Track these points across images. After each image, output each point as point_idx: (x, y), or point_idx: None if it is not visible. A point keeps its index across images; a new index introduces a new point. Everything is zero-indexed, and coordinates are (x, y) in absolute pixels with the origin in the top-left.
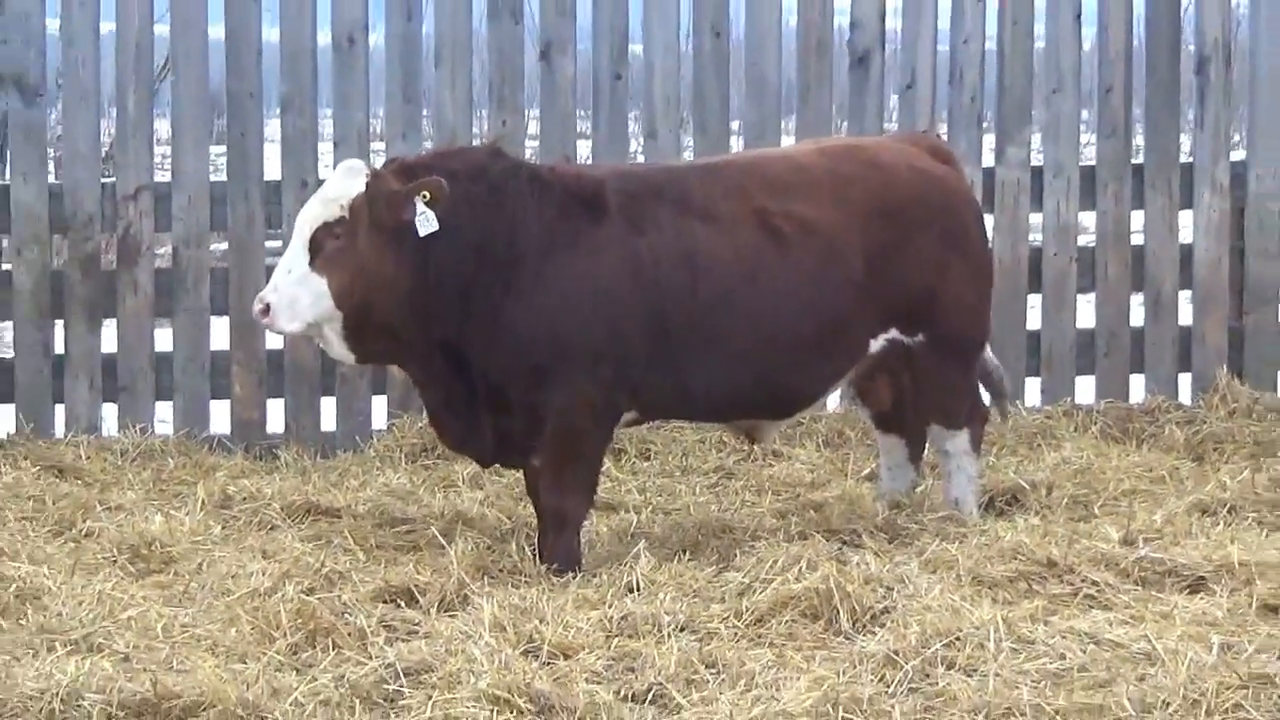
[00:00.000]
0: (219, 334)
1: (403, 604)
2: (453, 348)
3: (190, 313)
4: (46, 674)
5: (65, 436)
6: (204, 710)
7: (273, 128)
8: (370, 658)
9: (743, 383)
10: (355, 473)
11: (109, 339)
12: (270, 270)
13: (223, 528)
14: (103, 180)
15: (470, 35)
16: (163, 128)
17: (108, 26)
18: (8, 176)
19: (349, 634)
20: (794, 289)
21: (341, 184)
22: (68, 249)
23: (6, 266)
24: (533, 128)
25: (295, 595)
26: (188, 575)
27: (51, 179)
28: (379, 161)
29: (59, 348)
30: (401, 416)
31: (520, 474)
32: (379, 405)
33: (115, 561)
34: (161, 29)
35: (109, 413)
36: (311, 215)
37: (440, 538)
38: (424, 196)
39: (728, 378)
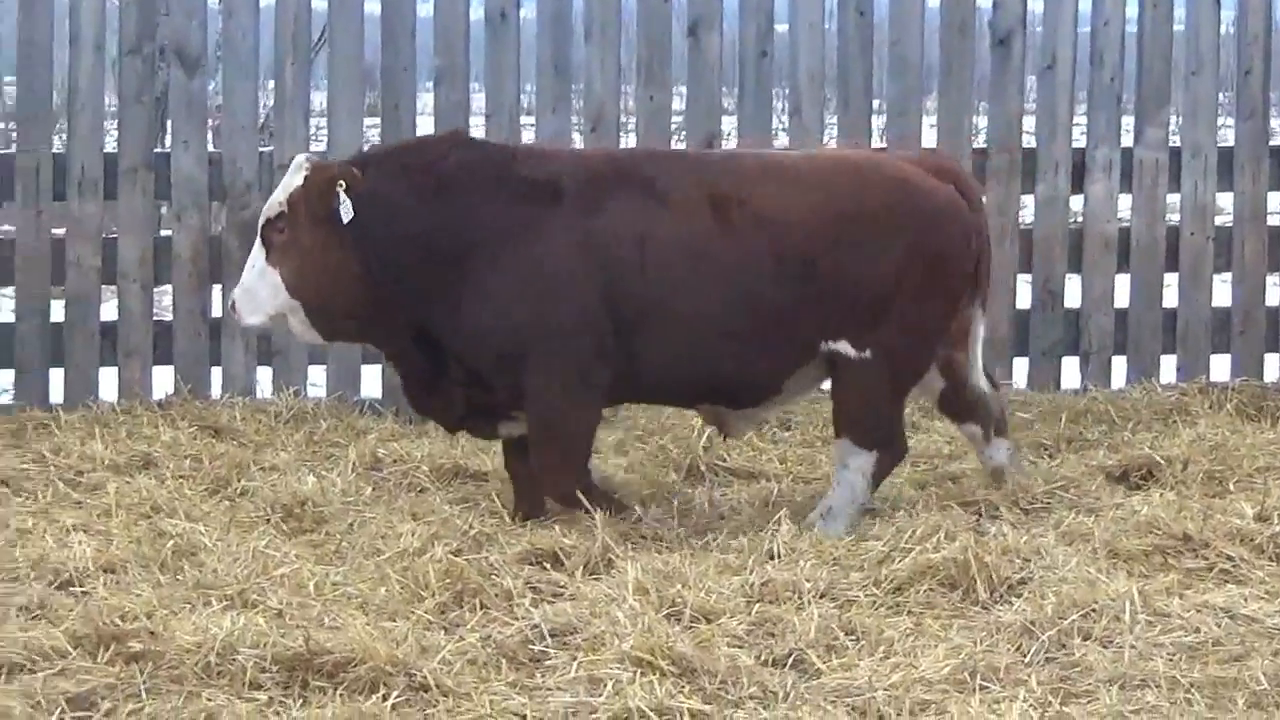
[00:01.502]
0: None
1: (548, 566)
2: (422, 330)
3: None
4: (203, 628)
5: (221, 398)
6: (354, 666)
7: (425, 101)
8: (516, 618)
9: (687, 367)
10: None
11: None
12: None
13: (373, 489)
14: (260, 150)
15: (620, 11)
16: (318, 99)
17: (266, 0)
18: (168, 144)
19: (496, 595)
20: (738, 278)
21: (287, 180)
22: (225, 216)
23: (167, 232)
24: (678, 104)
25: (444, 556)
26: (339, 535)
27: (210, 148)
28: (528, 135)
29: (216, 312)
30: None
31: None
32: None
33: (269, 520)
34: (319, 3)
35: (264, 375)
36: (261, 214)
37: (585, 501)
38: (341, 185)
39: (673, 361)
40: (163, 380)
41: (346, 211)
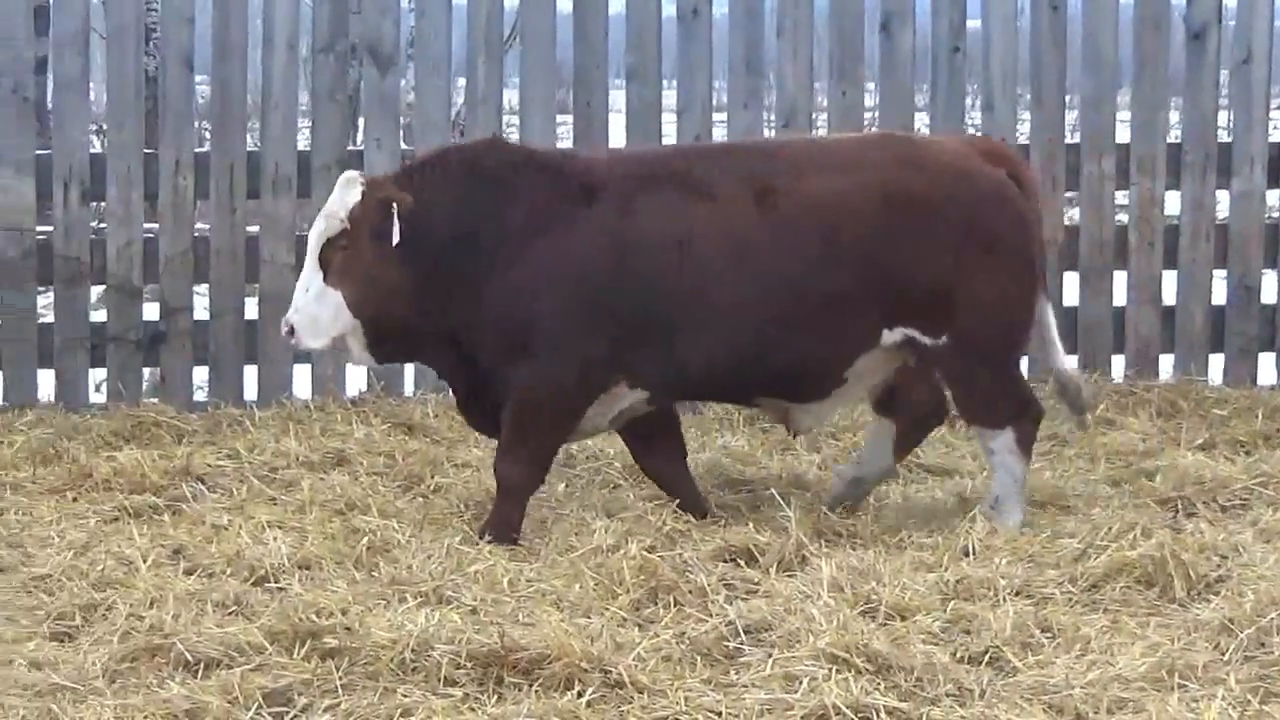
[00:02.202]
0: None
1: (742, 563)
2: (454, 337)
3: None
4: (398, 624)
5: (414, 395)
6: (549, 663)
7: (617, 97)
8: (711, 615)
9: (738, 360)
10: (694, 434)
11: None
12: None
13: (566, 485)
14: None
15: (812, 6)
16: (509, 97)
17: None
18: (361, 142)
19: (690, 591)
20: (785, 267)
21: (340, 197)
22: None
23: None
24: (870, 100)
25: (638, 553)
26: (532, 531)
27: (402, 145)
28: (719, 132)
29: None
30: None
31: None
32: None
33: (462, 516)
34: (511, 1)
35: None
36: (317, 233)
37: (779, 499)
38: (395, 207)
39: (723, 354)
40: (356, 377)
41: (396, 234)
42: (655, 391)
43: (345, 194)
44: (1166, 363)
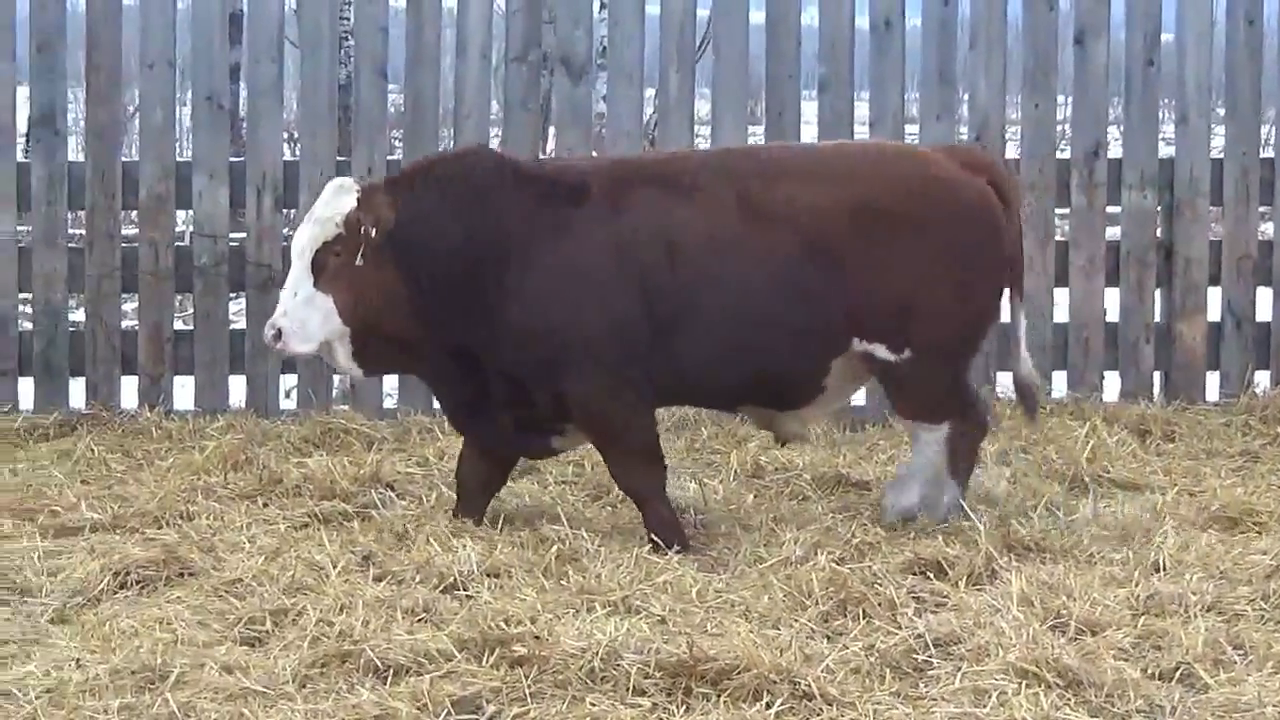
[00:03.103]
0: None
1: (931, 576)
2: (463, 349)
3: None
4: (587, 633)
5: None
6: (738, 673)
7: (809, 109)
8: (900, 628)
9: (724, 364)
10: (884, 446)
11: None
12: None
13: (754, 496)
14: None
15: (1005, 19)
16: (701, 107)
17: (652, 8)
18: (552, 151)
19: (879, 604)
20: (763, 272)
21: (334, 202)
22: None
23: None
24: (1063, 113)
25: (827, 564)
26: (720, 542)
27: (594, 154)
28: (907, 139)
29: None
30: None
31: None
32: None
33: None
34: (703, 10)
35: None
36: (310, 237)
37: (968, 512)
38: (375, 225)
39: (710, 358)
40: None
41: (360, 259)
42: (655, 396)
43: (339, 199)
44: None
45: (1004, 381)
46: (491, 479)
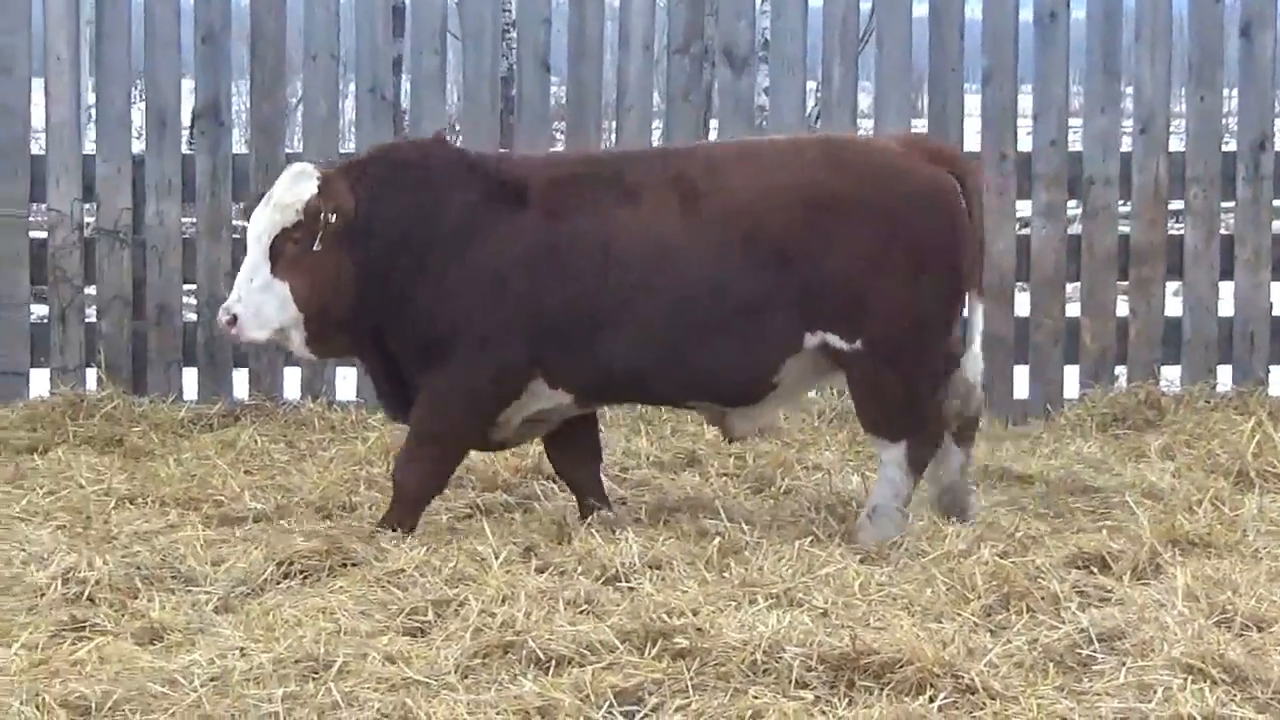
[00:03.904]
0: None
1: (1095, 570)
2: (378, 331)
3: None
4: (749, 625)
5: None
6: (901, 667)
7: (972, 102)
8: (1063, 622)
9: (661, 363)
10: (1047, 440)
11: None
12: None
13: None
14: None
15: (1171, 11)
16: (863, 99)
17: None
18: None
19: (1042, 598)
20: (707, 269)
21: (293, 189)
22: None
23: None
24: (1229, 105)
25: (990, 558)
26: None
27: None
28: (1075, 139)
29: None
30: (1093, 386)
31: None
32: (1071, 374)
33: (812, 519)
34: (866, 3)
35: None
36: (269, 223)
37: (1133, 506)
38: (331, 217)
39: (645, 358)
40: None
41: (318, 243)
42: (579, 394)
43: (299, 185)
44: None
45: (1169, 375)
46: (583, 454)
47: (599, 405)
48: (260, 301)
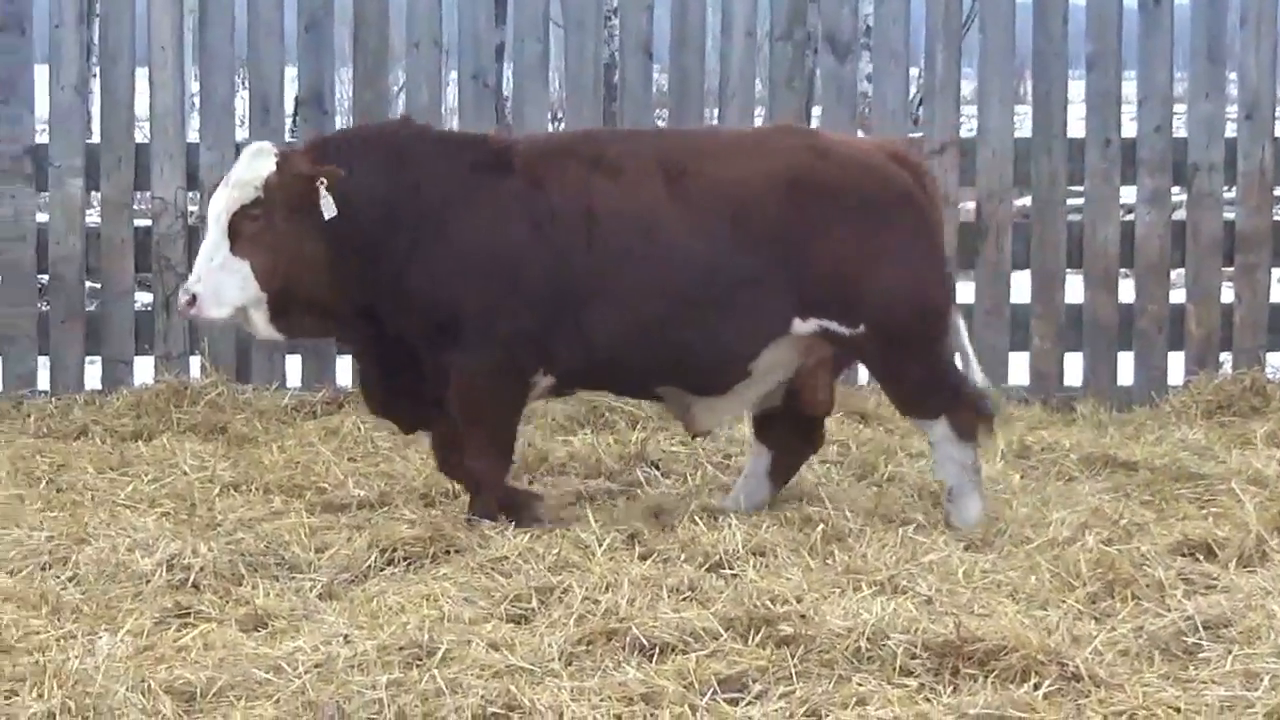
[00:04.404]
0: (1019, 287)
1: (1200, 558)
2: (371, 312)
3: (991, 266)
4: (853, 612)
5: (868, 384)
6: (1005, 654)
7: (1076, 87)
8: (1169, 609)
9: (643, 344)
10: (1151, 427)
11: None
12: (1072, 225)
13: (1021, 476)
14: (910, 135)
15: None
16: (967, 86)
17: None
18: None
19: (1147, 585)
20: (694, 248)
21: (252, 166)
22: None
23: None
24: None
25: (1094, 545)
26: (987, 522)
27: (860, 134)
28: (1179, 125)
29: None
30: (1198, 373)
31: None
32: (1175, 361)
33: (916, 506)
34: None
35: None
36: (227, 201)
37: (1239, 493)
38: (323, 182)
39: (627, 337)
40: None
41: (329, 209)
42: (561, 378)
43: (256, 163)
44: None
45: (1274, 361)
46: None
47: (573, 391)
48: (220, 280)
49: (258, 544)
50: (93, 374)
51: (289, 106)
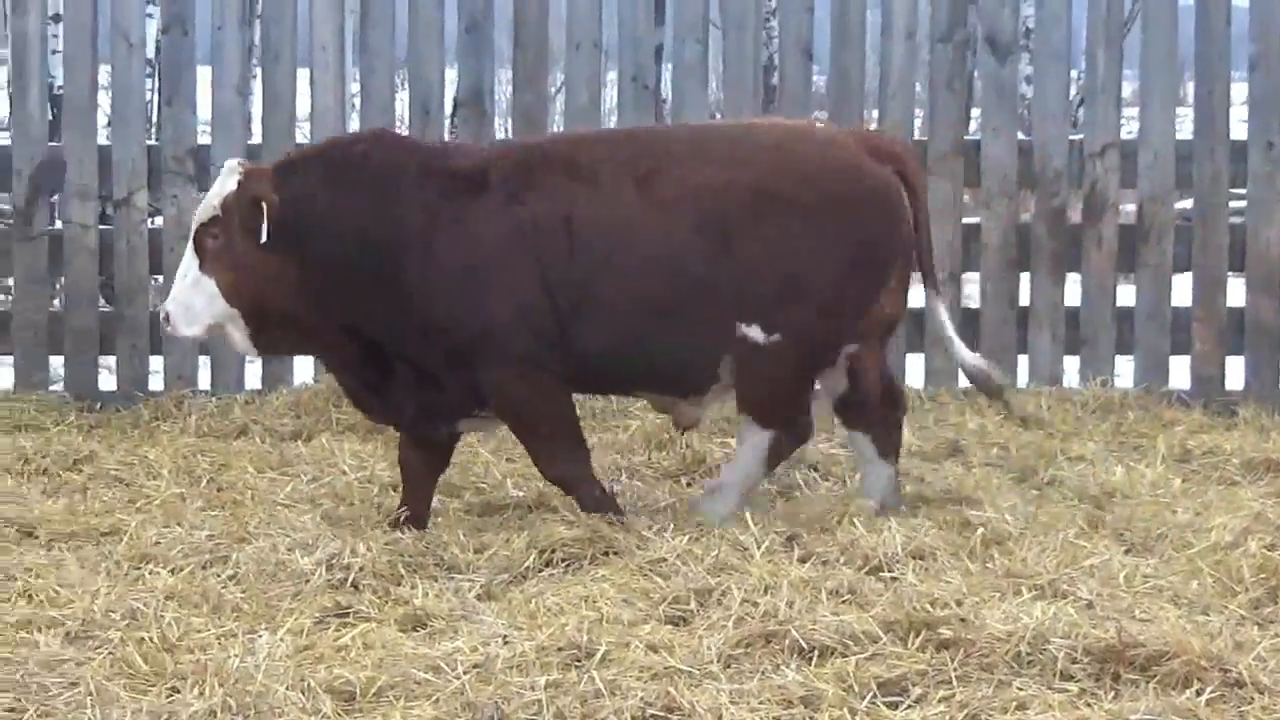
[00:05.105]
0: (1181, 290)
1: None
2: (360, 331)
3: (1153, 269)
4: (1014, 616)
5: (1028, 386)
6: (1166, 660)
7: (1238, 89)
8: None
9: (619, 347)
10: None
11: (1072, 292)
12: (1235, 228)
13: (1182, 481)
14: (1070, 137)
15: None
16: (1126, 87)
17: None
18: (976, 131)
19: None
20: (662, 253)
21: (219, 184)
22: (1035, 203)
23: (975, 219)
24: None
25: (1257, 550)
26: (1144, 527)
27: (1020, 135)
28: None
29: (1023, 300)
30: None
31: None
32: None
33: (1076, 510)
34: None
35: (1069, 365)
36: (196, 218)
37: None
38: (263, 208)
39: (606, 341)
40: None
41: (264, 233)
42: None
43: (224, 182)
44: None
45: None
46: (433, 463)
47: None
48: (190, 297)
49: (416, 544)
50: (253, 374)
51: (448, 107)
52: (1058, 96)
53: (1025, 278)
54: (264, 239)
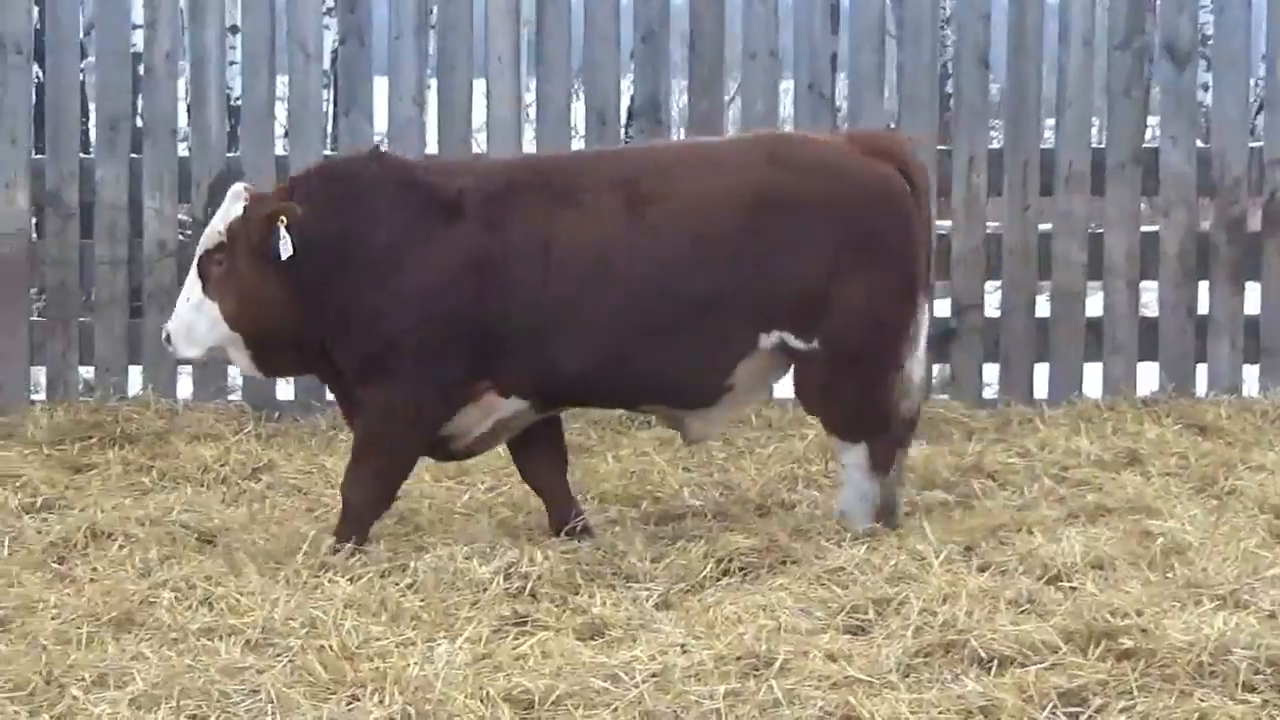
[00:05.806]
0: None
1: None
2: (324, 348)
3: None
4: (1194, 627)
5: (1207, 395)
6: None
7: None
8: None
9: (611, 365)
10: None
11: (1252, 301)
12: None
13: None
14: (1250, 145)
15: None
16: None
17: None
18: (1154, 139)
19: None
20: (657, 271)
21: (225, 210)
22: (1214, 212)
23: (1153, 228)
24: None
25: None
26: None
27: (1199, 143)
28: None
29: (1202, 308)
30: None
31: None
32: None
33: (1257, 520)
34: None
35: (1249, 374)
36: (201, 243)
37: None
38: (282, 221)
39: (595, 360)
40: (1147, 376)
41: (286, 248)
42: (535, 400)
43: (230, 206)
44: None
45: None
46: (545, 460)
47: (559, 410)
48: (191, 320)
49: (593, 553)
50: None
51: (624, 117)
52: (1237, 104)
53: (1204, 286)
54: (289, 253)
